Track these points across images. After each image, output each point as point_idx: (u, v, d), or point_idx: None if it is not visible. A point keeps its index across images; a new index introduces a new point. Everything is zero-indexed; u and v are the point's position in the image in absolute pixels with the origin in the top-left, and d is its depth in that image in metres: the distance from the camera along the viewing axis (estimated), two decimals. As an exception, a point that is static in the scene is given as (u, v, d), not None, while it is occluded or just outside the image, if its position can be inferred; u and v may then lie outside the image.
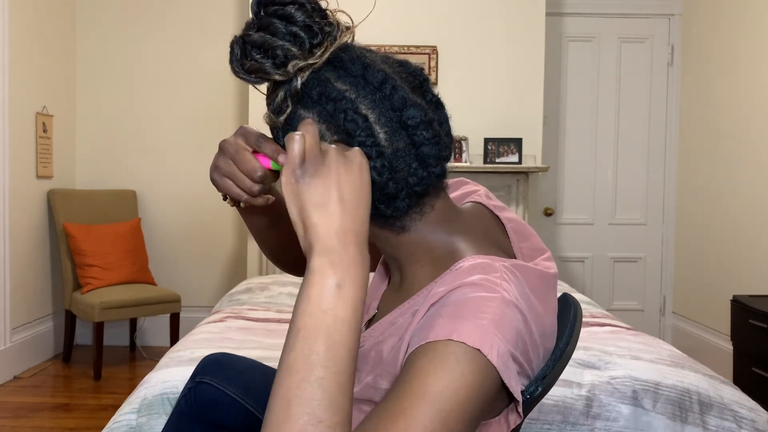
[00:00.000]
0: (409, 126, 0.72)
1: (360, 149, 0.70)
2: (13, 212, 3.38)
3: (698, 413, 1.58)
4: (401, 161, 0.73)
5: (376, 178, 0.72)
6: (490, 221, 0.86)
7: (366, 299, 0.93)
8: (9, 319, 3.34)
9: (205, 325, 2.14)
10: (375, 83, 0.73)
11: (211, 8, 4.08)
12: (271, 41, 0.71)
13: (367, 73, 0.73)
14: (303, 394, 0.58)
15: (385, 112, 0.72)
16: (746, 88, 3.44)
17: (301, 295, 0.63)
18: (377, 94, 0.72)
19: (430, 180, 0.75)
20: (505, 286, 0.71)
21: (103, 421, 2.75)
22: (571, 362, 1.68)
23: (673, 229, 4.24)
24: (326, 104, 0.72)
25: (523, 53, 3.77)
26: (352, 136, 0.71)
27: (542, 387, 0.76)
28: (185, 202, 4.12)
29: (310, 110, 0.73)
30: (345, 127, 0.71)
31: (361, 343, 0.84)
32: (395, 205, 0.75)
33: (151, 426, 1.50)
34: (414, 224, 0.78)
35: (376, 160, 0.71)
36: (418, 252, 0.80)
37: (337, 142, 0.72)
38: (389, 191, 0.73)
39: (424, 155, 0.73)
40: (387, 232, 0.79)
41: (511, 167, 3.62)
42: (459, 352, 0.64)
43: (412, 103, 0.73)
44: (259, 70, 0.72)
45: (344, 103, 0.71)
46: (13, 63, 3.37)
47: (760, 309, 2.69)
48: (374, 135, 0.72)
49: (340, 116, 0.71)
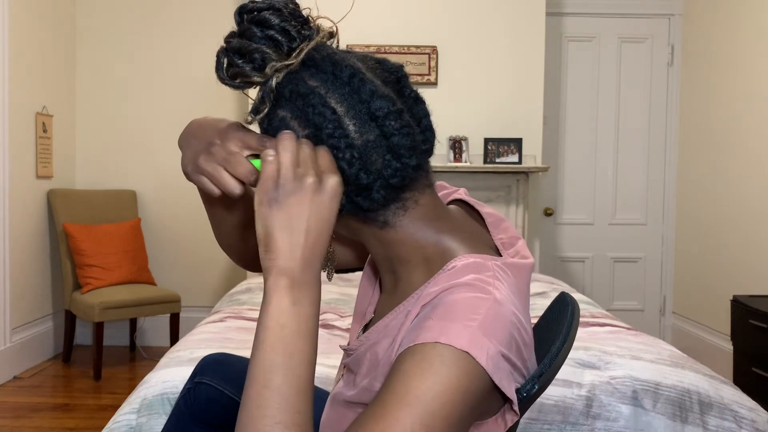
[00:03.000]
0: (377, 117, 0.73)
1: (338, 177, 0.72)
2: (13, 212, 3.39)
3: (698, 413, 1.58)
4: (373, 153, 0.73)
5: (346, 169, 0.73)
6: (473, 218, 0.87)
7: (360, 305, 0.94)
8: (9, 319, 3.34)
9: (205, 325, 2.14)
10: (345, 77, 0.74)
11: (210, 9, 4.08)
12: (248, 45, 0.73)
13: (336, 68, 0.74)
14: (263, 400, 0.64)
15: (354, 104, 0.73)
16: (746, 88, 3.44)
17: (261, 311, 0.69)
18: (346, 88, 0.74)
19: (405, 172, 0.75)
20: (498, 285, 0.72)
21: (103, 421, 2.76)
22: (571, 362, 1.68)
23: (673, 229, 4.24)
24: (296, 100, 0.73)
25: (523, 53, 3.77)
26: (320, 128, 0.73)
27: (539, 385, 0.76)
28: (185, 202, 4.12)
29: (284, 108, 0.74)
30: (313, 120, 0.73)
31: (357, 347, 0.84)
32: (371, 197, 0.75)
33: (151, 426, 1.50)
34: (398, 220, 0.78)
35: (345, 152, 0.73)
36: (408, 251, 0.80)
37: (308, 136, 0.73)
38: (362, 182, 0.74)
39: (395, 146, 0.74)
40: (371, 228, 0.79)
41: (511, 167, 3.62)
42: (446, 354, 0.65)
43: (381, 94, 0.74)
44: (239, 74, 0.74)
45: (313, 97, 0.73)
46: (13, 63, 3.37)
47: (760, 309, 2.69)
48: (342, 127, 0.73)
49: (309, 110, 0.73)
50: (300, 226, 0.69)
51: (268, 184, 0.69)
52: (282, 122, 0.74)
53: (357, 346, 0.84)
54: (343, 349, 0.88)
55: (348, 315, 2.39)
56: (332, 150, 0.73)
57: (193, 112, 4.10)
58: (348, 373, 0.86)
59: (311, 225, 0.69)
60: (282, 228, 0.69)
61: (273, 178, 0.69)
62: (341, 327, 2.22)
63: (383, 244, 0.80)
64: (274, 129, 0.75)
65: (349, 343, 0.89)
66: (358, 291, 0.96)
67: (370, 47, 3.69)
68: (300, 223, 0.69)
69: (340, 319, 2.33)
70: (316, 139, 0.73)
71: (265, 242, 0.69)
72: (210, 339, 1.94)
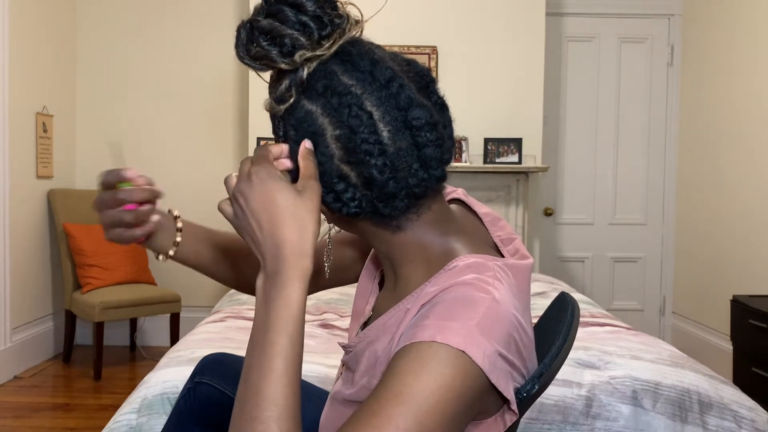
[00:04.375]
0: (413, 126, 0.71)
1: (318, 186, 0.72)
2: (13, 212, 3.39)
3: (698, 413, 1.58)
4: (403, 161, 0.72)
5: (377, 176, 0.71)
6: (472, 217, 0.87)
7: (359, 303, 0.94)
8: (9, 319, 3.34)
9: (205, 325, 2.14)
10: (382, 80, 0.72)
11: (211, 8, 4.08)
12: (280, 29, 0.70)
13: (375, 69, 0.72)
14: (244, 396, 0.66)
15: (390, 110, 0.71)
16: (746, 88, 3.44)
17: (256, 313, 0.70)
18: (383, 91, 0.71)
19: (430, 183, 0.74)
20: (498, 285, 0.72)
21: (103, 421, 2.75)
22: (571, 362, 1.68)
23: (673, 229, 4.24)
24: (331, 98, 0.71)
25: (523, 53, 3.77)
26: (355, 132, 0.70)
27: (539, 385, 0.76)
28: (185, 202, 4.11)
29: (314, 102, 0.72)
30: (349, 122, 0.71)
31: (356, 344, 0.84)
32: (393, 205, 0.74)
33: (151, 426, 1.50)
34: (410, 224, 0.78)
35: (378, 158, 0.71)
36: (412, 252, 0.79)
37: (339, 137, 0.71)
38: (389, 190, 0.72)
39: (426, 157, 0.72)
40: (382, 231, 0.78)
41: (511, 167, 3.62)
42: (441, 353, 0.64)
43: (419, 103, 0.72)
44: (264, 57, 0.71)
45: (349, 98, 0.71)
46: (13, 63, 3.37)
47: (760, 309, 2.69)
48: (377, 132, 0.71)
49: (344, 111, 0.71)
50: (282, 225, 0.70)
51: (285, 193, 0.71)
52: (308, 116, 0.72)
53: (355, 344, 0.84)
54: (342, 346, 0.88)
55: (348, 315, 2.39)
56: (364, 155, 0.71)
57: (193, 112, 4.10)
58: (347, 371, 0.86)
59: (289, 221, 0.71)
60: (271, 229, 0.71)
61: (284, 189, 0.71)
62: (341, 327, 2.22)
63: (390, 245, 0.80)
64: (297, 120, 0.73)
65: (348, 341, 0.89)
66: (357, 288, 0.95)
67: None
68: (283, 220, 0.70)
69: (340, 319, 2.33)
70: (348, 141, 0.71)
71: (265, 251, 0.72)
72: (210, 339, 1.94)
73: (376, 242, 0.81)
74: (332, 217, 0.79)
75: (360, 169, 0.72)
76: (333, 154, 0.72)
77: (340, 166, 0.72)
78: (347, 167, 0.72)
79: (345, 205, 0.74)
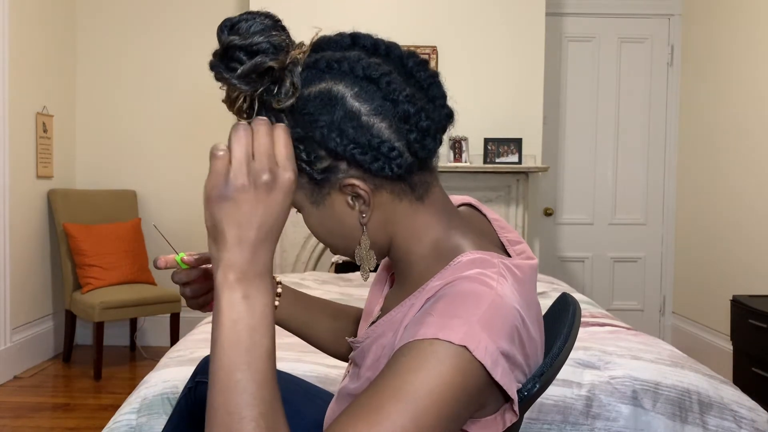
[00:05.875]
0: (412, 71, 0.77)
1: (293, 173, 0.68)
2: (13, 212, 3.39)
3: (698, 413, 1.58)
4: (418, 99, 0.75)
5: (410, 108, 0.73)
6: (482, 220, 0.89)
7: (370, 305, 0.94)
8: (9, 319, 3.34)
9: (205, 325, 2.14)
10: (368, 44, 0.76)
11: (211, 9, 4.08)
12: (253, 40, 0.71)
13: (356, 41, 0.77)
14: (227, 399, 0.62)
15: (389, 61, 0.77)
16: (746, 88, 3.44)
17: (214, 309, 0.66)
18: (372, 54, 0.76)
19: (445, 120, 0.78)
20: (502, 281, 0.72)
21: (103, 421, 2.75)
22: (571, 362, 1.68)
23: (673, 229, 4.25)
24: (338, 66, 0.73)
25: (523, 53, 3.77)
26: (374, 79, 0.73)
27: (540, 384, 0.76)
28: (185, 202, 4.12)
29: (321, 80, 0.73)
30: (365, 73, 0.73)
31: (362, 340, 0.85)
32: (426, 145, 0.75)
33: (151, 426, 1.50)
34: (427, 197, 0.79)
35: (403, 91, 0.73)
36: (426, 241, 0.80)
37: (359, 93, 0.73)
38: (423, 124, 0.74)
39: (433, 96, 0.77)
40: (406, 204, 0.78)
41: (511, 167, 3.62)
42: (441, 351, 0.65)
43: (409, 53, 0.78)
44: (252, 66, 0.70)
45: (353, 58, 0.74)
46: (13, 63, 3.37)
47: (760, 309, 2.69)
48: (392, 74, 0.74)
49: (356, 67, 0.73)
50: (252, 222, 0.65)
51: (218, 179, 0.65)
52: (322, 93, 0.73)
53: (363, 340, 0.85)
54: (350, 342, 0.88)
55: (348, 315, 2.39)
56: (391, 92, 0.73)
57: (193, 112, 4.10)
58: (354, 367, 0.86)
59: (264, 221, 0.66)
60: (231, 223, 0.65)
61: (222, 173, 0.65)
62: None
63: (408, 233, 0.80)
64: (312, 104, 0.73)
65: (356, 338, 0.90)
66: (368, 294, 0.97)
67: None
68: (252, 219, 0.65)
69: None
70: (370, 91, 0.73)
71: (213, 234, 0.67)
72: (210, 339, 1.94)
73: (397, 228, 0.80)
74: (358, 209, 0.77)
75: (393, 111, 0.73)
76: (359, 110, 0.73)
77: (370, 119, 0.73)
78: (377, 118, 0.73)
79: (388, 160, 0.73)
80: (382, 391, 0.64)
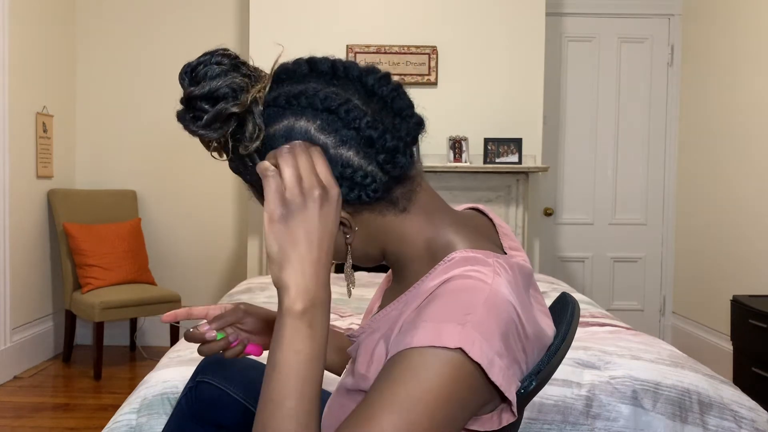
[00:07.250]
0: (373, 88, 0.76)
1: (338, 188, 0.72)
2: (13, 212, 3.39)
3: (698, 413, 1.58)
4: (383, 116, 0.75)
5: (373, 132, 0.73)
6: (485, 221, 0.89)
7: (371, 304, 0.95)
8: (9, 319, 3.34)
9: (205, 325, 2.14)
10: (325, 68, 0.76)
11: (211, 8, 4.08)
12: (215, 86, 0.72)
13: (314, 67, 0.76)
14: (276, 423, 0.65)
15: (349, 83, 0.75)
16: (746, 88, 3.44)
17: (276, 334, 0.68)
18: (332, 76, 0.76)
19: (413, 129, 0.77)
20: (497, 280, 0.72)
21: (103, 421, 2.76)
22: (571, 362, 1.68)
23: (673, 229, 4.25)
24: (297, 101, 0.73)
25: (522, 53, 3.77)
26: (334, 109, 0.73)
27: (536, 382, 0.76)
28: (185, 202, 4.12)
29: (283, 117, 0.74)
30: (324, 105, 0.73)
31: (357, 335, 0.86)
32: (397, 162, 0.75)
33: (151, 426, 1.50)
34: (411, 206, 0.80)
35: (364, 118, 0.73)
36: (418, 246, 0.81)
37: (322, 125, 0.73)
38: (390, 144, 0.74)
39: (397, 108, 0.76)
40: (391, 218, 0.79)
41: (511, 167, 3.62)
42: (435, 359, 0.65)
43: (370, 69, 0.77)
44: (216, 114, 0.72)
45: (311, 91, 0.74)
46: (13, 63, 3.37)
47: (760, 309, 2.69)
48: (351, 100, 0.74)
49: (314, 101, 0.73)
50: (312, 240, 0.68)
51: (276, 200, 0.68)
52: (286, 131, 0.74)
53: (359, 334, 0.86)
54: (348, 336, 0.89)
55: (348, 315, 2.39)
56: (353, 120, 0.73)
57: (193, 112, 4.09)
58: (351, 362, 0.87)
59: (322, 236, 0.69)
60: (295, 243, 0.68)
61: (279, 193, 0.69)
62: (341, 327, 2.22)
63: (397, 237, 0.81)
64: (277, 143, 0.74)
65: None
66: (371, 301, 0.98)
67: (370, 47, 3.69)
68: (312, 236, 0.68)
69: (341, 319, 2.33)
70: (331, 122, 0.73)
71: (279, 259, 0.69)
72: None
73: (386, 238, 0.81)
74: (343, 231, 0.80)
75: (357, 139, 0.73)
76: (325, 144, 0.73)
77: (337, 151, 0.73)
78: (343, 148, 0.73)
79: (362, 187, 0.74)
80: (375, 401, 0.65)
